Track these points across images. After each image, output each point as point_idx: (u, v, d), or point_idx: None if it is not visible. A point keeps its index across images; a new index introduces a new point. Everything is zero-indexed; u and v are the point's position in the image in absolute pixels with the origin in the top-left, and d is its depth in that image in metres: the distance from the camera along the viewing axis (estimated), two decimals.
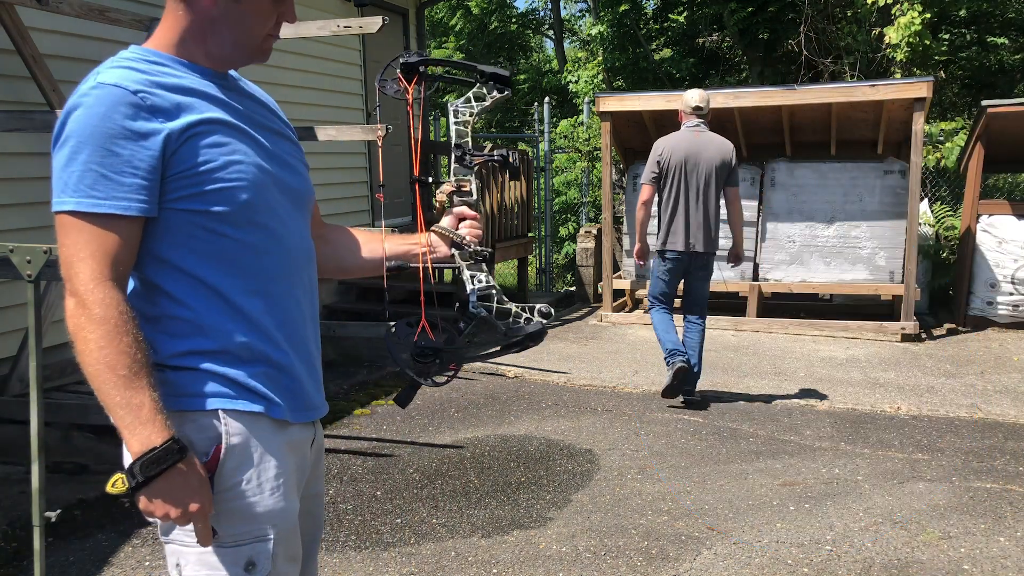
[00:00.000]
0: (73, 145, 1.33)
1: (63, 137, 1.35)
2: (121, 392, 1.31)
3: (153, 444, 1.30)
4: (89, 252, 1.33)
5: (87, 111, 1.33)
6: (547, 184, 10.61)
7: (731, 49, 15.42)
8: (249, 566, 1.41)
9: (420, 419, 5.22)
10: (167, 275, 1.40)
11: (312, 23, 5.50)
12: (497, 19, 20.96)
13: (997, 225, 7.51)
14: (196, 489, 1.34)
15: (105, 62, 1.42)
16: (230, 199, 1.40)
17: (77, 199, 1.32)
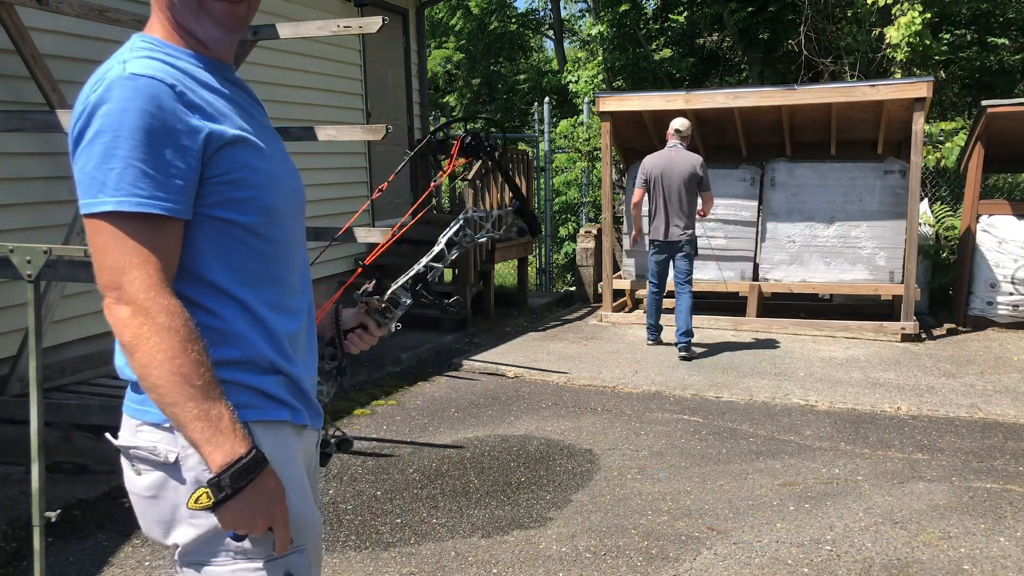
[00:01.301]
0: (108, 140, 1.22)
1: (92, 132, 1.23)
2: (199, 404, 1.23)
3: (239, 454, 1.25)
4: (143, 257, 1.23)
5: (123, 104, 1.23)
6: (547, 184, 10.61)
7: (731, 49, 15.43)
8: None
9: (420, 419, 5.22)
10: (194, 283, 1.33)
11: (312, 23, 5.50)
12: (497, 19, 20.96)
13: (997, 225, 7.51)
14: (280, 495, 1.31)
15: (121, 52, 1.32)
16: (257, 208, 1.35)
17: (119, 198, 1.22)
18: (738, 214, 8.15)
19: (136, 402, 1.37)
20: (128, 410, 1.39)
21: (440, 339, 7.26)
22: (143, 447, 1.35)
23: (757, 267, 8.12)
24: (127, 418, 1.39)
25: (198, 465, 1.31)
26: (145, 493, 1.37)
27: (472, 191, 7.69)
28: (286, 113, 7.08)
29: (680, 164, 6.63)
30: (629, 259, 8.57)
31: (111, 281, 1.24)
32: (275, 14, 6.87)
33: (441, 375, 6.30)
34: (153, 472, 1.35)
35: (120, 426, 1.42)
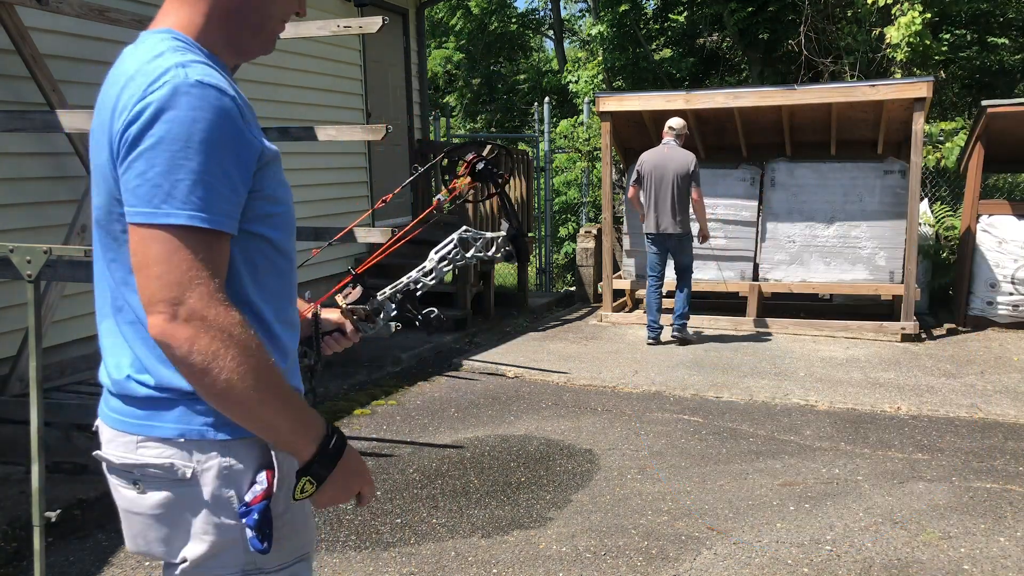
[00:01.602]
0: (177, 150, 1.18)
1: (155, 137, 1.18)
2: (291, 411, 1.26)
3: (322, 434, 1.30)
4: (208, 272, 1.19)
5: (192, 113, 1.19)
6: (547, 184, 10.61)
7: (731, 49, 15.43)
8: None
9: (420, 419, 5.22)
10: (234, 290, 1.30)
11: (312, 23, 5.50)
12: (497, 19, 20.96)
13: (997, 225, 7.51)
14: (360, 462, 1.38)
15: (164, 51, 1.25)
16: (284, 223, 1.35)
17: (190, 212, 1.18)
18: (738, 214, 8.15)
19: (138, 416, 1.31)
20: (123, 425, 1.32)
21: (440, 339, 7.26)
22: (152, 464, 1.29)
23: (757, 267, 8.12)
24: (119, 433, 1.33)
25: (214, 480, 1.29)
26: (151, 511, 1.32)
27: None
28: (286, 113, 7.08)
29: (672, 161, 6.90)
30: (629, 259, 8.57)
31: (169, 296, 1.18)
32: None
33: (441, 375, 6.30)
34: (161, 490, 1.30)
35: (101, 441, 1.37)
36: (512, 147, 9.96)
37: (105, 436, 1.36)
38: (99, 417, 1.40)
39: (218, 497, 1.29)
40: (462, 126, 20.91)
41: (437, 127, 11.01)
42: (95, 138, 1.32)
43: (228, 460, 1.30)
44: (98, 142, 1.30)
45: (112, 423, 1.35)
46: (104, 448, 1.36)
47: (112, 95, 1.26)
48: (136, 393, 1.30)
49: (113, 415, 1.34)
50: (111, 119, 1.25)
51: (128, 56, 1.30)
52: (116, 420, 1.34)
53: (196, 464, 1.29)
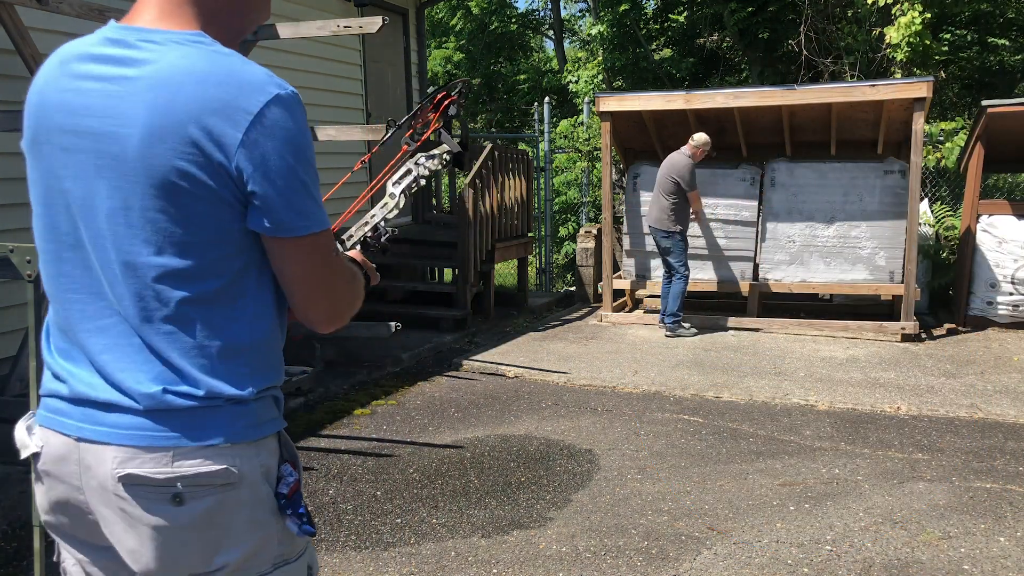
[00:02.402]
0: (310, 156, 1.28)
1: (306, 141, 1.27)
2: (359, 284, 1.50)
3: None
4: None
5: (302, 119, 1.26)
6: (547, 184, 10.61)
7: (731, 49, 15.43)
8: (309, 570, 1.44)
9: (420, 419, 5.22)
10: (265, 298, 1.34)
11: (312, 23, 5.50)
12: (497, 19, 20.95)
13: (997, 225, 7.51)
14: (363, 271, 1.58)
15: (238, 58, 1.27)
16: None
17: (325, 217, 1.31)
18: (738, 214, 8.15)
19: (175, 428, 1.27)
20: (150, 440, 1.26)
21: (440, 339, 7.26)
22: (204, 472, 1.27)
23: (757, 267, 8.12)
24: (141, 450, 1.26)
25: (256, 479, 1.32)
26: (194, 522, 1.28)
27: (472, 191, 7.69)
28: None
29: (669, 164, 7.44)
30: (629, 259, 8.57)
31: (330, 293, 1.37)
32: (275, 14, 6.87)
33: (441, 375, 6.30)
34: (207, 497, 1.28)
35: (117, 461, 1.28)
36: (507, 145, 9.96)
37: (110, 455, 1.27)
38: (72, 433, 1.30)
39: (258, 495, 1.32)
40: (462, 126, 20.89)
41: None
42: (141, 136, 1.22)
43: (262, 458, 1.33)
44: (147, 141, 1.22)
45: (124, 439, 1.27)
46: (117, 468, 1.26)
47: (192, 111, 1.21)
48: (176, 405, 1.26)
49: (130, 431, 1.27)
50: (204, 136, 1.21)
51: (188, 59, 1.24)
52: (136, 436, 1.26)
53: (241, 466, 1.29)
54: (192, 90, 1.21)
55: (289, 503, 1.34)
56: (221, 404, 1.28)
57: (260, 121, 1.21)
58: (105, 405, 1.28)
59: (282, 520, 1.35)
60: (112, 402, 1.27)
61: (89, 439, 1.28)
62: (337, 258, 1.36)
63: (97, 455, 1.28)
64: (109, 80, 1.25)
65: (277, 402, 1.40)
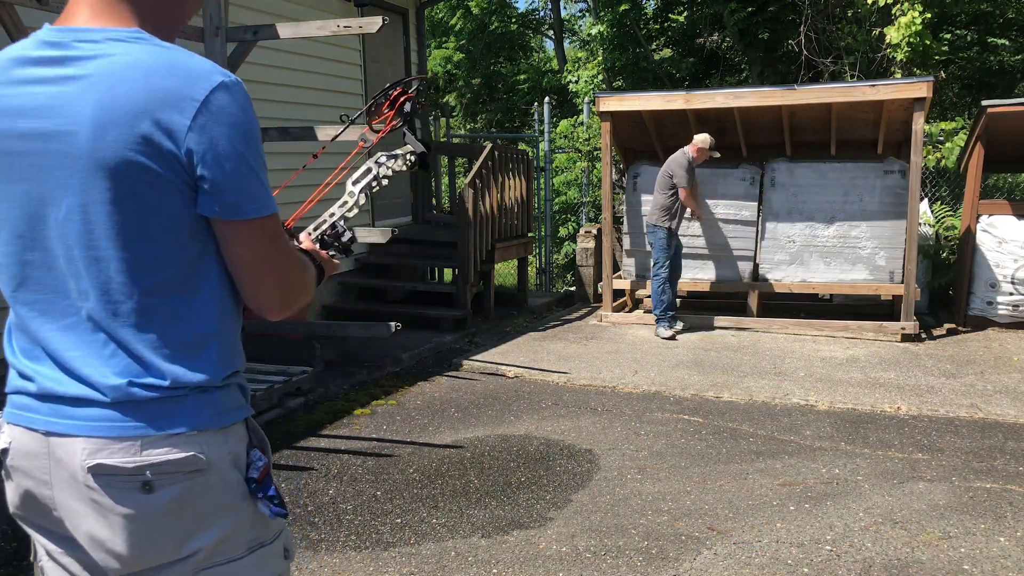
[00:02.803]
0: (257, 141, 1.30)
1: (252, 127, 1.29)
2: (313, 276, 1.52)
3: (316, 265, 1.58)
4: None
5: (248, 105, 1.29)
6: (547, 184, 10.61)
7: (731, 49, 15.42)
8: (286, 552, 1.48)
9: (420, 419, 5.22)
10: (223, 285, 1.37)
11: (312, 23, 5.50)
12: (497, 19, 20.94)
13: (997, 225, 7.51)
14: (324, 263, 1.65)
15: (169, 45, 1.30)
16: None
17: (272, 200, 1.33)
18: (738, 214, 8.14)
19: (141, 419, 1.30)
20: (117, 431, 1.30)
21: (440, 339, 7.26)
22: (172, 460, 1.30)
23: (757, 267, 8.12)
24: (110, 441, 1.29)
25: (225, 465, 1.36)
26: (165, 509, 1.31)
27: (472, 191, 7.69)
28: (286, 113, 7.08)
29: (666, 162, 7.51)
30: (629, 259, 8.57)
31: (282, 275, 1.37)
32: (275, 14, 6.87)
33: (441, 375, 6.30)
34: (176, 484, 1.31)
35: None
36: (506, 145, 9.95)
37: (80, 447, 1.29)
38: (41, 428, 1.32)
39: (227, 480, 1.35)
40: (462, 126, 20.90)
41: (437, 127, 11.01)
42: (90, 132, 1.24)
43: (230, 445, 1.37)
44: (97, 136, 1.24)
45: (93, 431, 1.29)
46: (87, 459, 1.29)
47: (138, 102, 1.23)
48: (142, 396, 1.30)
49: (98, 423, 1.30)
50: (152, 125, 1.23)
51: (129, 55, 1.26)
52: (104, 427, 1.30)
53: (208, 452, 1.33)
54: (137, 83, 1.24)
55: (260, 487, 1.38)
56: (187, 393, 1.32)
57: (206, 107, 1.24)
58: (73, 400, 1.31)
59: (253, 504, 1.38)
60: (80, 396, 1.30)
61: (58, 432, 1.31)
62: (286, 244, 1.38)
63: (66, 448, 1.30)
64: (51, 82, 1.28)
65: (243, 390, 1.44)
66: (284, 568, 1.46)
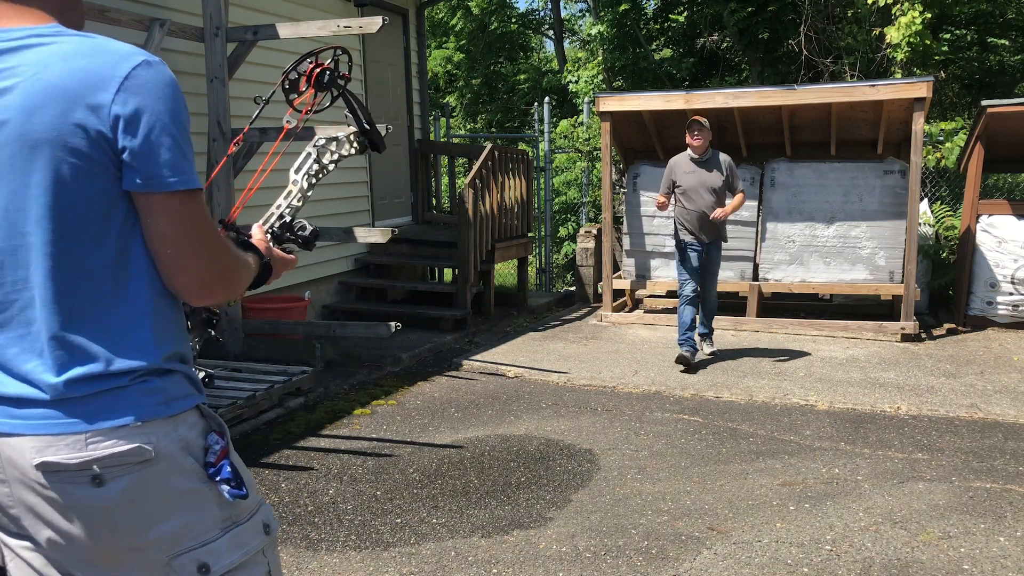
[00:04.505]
0: (182, 116, 1.32)
1: (176, 102, 1.32)
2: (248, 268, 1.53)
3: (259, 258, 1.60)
4: None
5: (171, 80, 1.32)
6: (547, 184, 10.61)
7: (731, 49, 15.42)
8: (266, 528, 1.49)
9: (420, 419, 5.22)
10: (153, 266, 1.37)
11: (312, 23, 5.50)
12: (497, 19, 20.95)
13: (997, 225, 7.51)
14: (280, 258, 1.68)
15: (90, 34, 1.34)
16: None
17: (195, 176, 1.34)
18: (738, 214, 8.10)
19: (84, 414, 1.30)
20: (61, 427, 1.30)
21: (440, 339, 7.26)
22: (118, 452, 1.31)
23: (757, 267, 8.12)
24: (56, 437, 1.30)
25: (175, 452, 1.36)
26: (118, 501, 1.32)
27: (472, 191, 7.69)
28: (286, 112, 7.06)
29: None
30: (629, 259, 8.57)
31: (209, 252, 1.37)
32: (275, 14, 6.88)
33: (441, 375, 6.30)
34: (126, 475, 1.32)
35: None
36: (505, 145, 9.95)
37: (28, 445, 1.30)
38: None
39: (182, 467, 1.36)
40: (462, 126, 20.91)
41: (437, 127, 11.01)
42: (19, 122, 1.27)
43: (180, 432, 1.37)
44: (25, 125, 1.27)
45: (38, 429, 1.30)
46: (35, 456, 1.29)
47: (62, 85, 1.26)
48: (82, 393, 1.31)
49: (43, 421, 1.30)
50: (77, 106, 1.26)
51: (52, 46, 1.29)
52: (48, 425, 1.30)
53: (156, 442, 1.34)
54: (61, 68, 1.26)
55: (217, 470, 1.40)
56: (127, 384, 1.33)
57: (129, 81, 1.27)
58: (16, 400, 1.32)
59: (215, 487, 1.40)
60: (22, 396, 1.31)
61: (5, 432, 1.31)
62: (211, 225, 1.37)
63: (15, 447, 1.31)
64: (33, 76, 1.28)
65: (192, 381, 1.44)
66: (266, 542, 1.47)
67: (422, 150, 9.35)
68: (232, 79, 5.87)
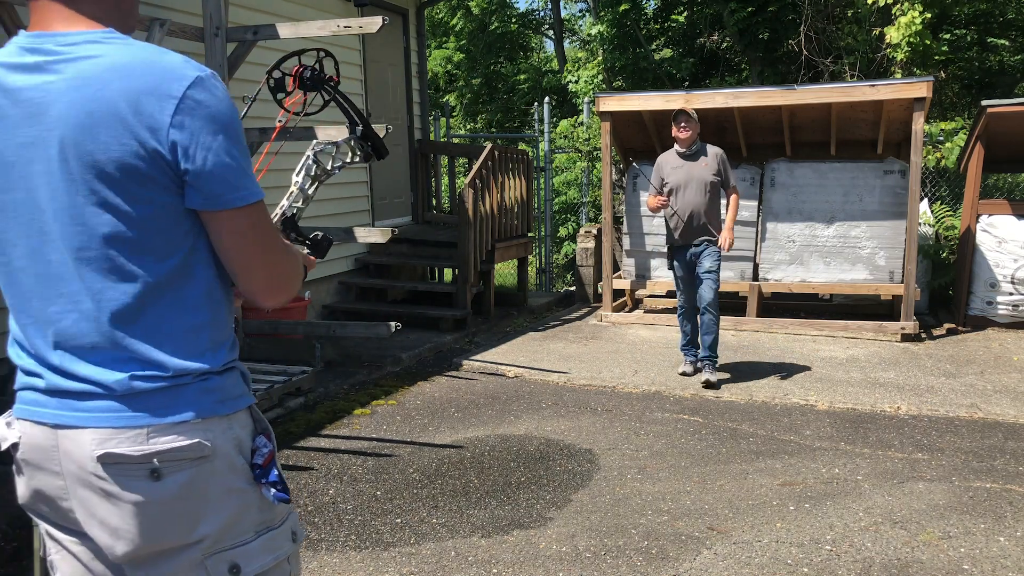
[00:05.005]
0: (237, 130, 1.34)
1: (231, 118, 1.33)
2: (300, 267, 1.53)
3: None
4: None
5: (224, 95, 1.33)
6: (547, 184, 10.61)
7: (731, 49, 15.42)
8: (294, 535, 1.50)
9: (420, 419, 5.22)
10: (215, 274, 1.41)
11: (312, 23, 5.50)
12: (497, 19, 20.94)
13: (997, 225, 7.51)
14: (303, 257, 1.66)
15: (143, 43, 1.35)
16: None
17: (257, 188, 1.37)
18: (738, 214, 8.14)
19: (147, 408, 1.34)
20: (124, 420, 1.34)
21: (440, 339, 7.26)
22: (177, 447, 1.34)
23: (757, 267, 8.12)
24: (118, 431, 1.33)
25: (229, 451, 1.40)
26: (173, 495, 1.35)
27: (472, 191, 7.69)
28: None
29: None
30: (629, 259, 8.57)
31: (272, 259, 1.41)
32: (275, 14, 6.87)
33: (441, 375, 6.30)
34: (183, 471, 1.35)
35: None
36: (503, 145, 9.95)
37: (88, 438, 1.33)
38: (50, 421, 1.36)
39: (233, 466, 1.40)
40: (462, 126, 20.90)
41: (437, 127, 11.01)
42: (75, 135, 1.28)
43: (234, 431, 1.41)
44: (82, 139, 1.28)
45: (101, 422, 1.34)
46: (95, 448, 1.33)
47: (112, 95, 1.27)
48: (145, 388, 1.34)
49: (106, 414, 1.34)
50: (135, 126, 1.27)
51: (107, 56, 1.31)
52: (111, 418, 1.34)
53: (213, 439, 1.37)
54: (117, 84, 1.28)
55: (264, 472, 1.42)
56: (190, 381, 1.36)
57: (185, 103, 1.28)
58: (79, 394, 1.35)
59: (259, 489, 1.42)
60: (86, 391, 1.34)
61: (67, 425, 1.35)
62: (272, 230, 1.43)
63: (75, 439, 1.34)
64: (35, 88, 1.31)
65: (245, 378, 1.48)
66: (292, 550, 1.49)
67: (422, 150, 9.35)
68: (232, 79, 5.86)
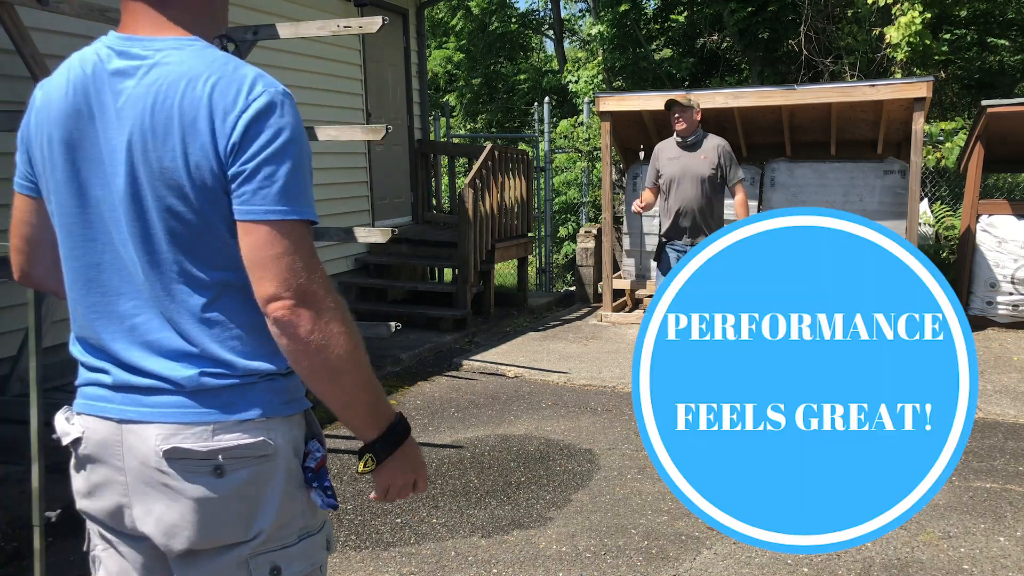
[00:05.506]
0: (298, 151, 1.33)
1: (288, 138, 1.32)
2: (372, 392, 1.40)
3: (392, 420, 1.43)
4: (318, 261, 1.35)
5: (296, 119, 1.34)
6: (547, 184, 10.61)
7: (731, 49, 15.42)
8: (328, 544, 1.51)
9: (420, 419, 5.22)
10: None
11: (312, 23, 5.50)
12: (497, 19, 20.95)
13: (997, 225, 7.51)
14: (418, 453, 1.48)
15: (215, 55, 1.36)
16: None
17: (310, 209, 1.35)
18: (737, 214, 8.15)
19: (214, 405, 1.36)
20: (191, 416, 1.36)
21: (440, 339, 7.26)
22: (242, 444, 1.36)
23: None
24: (184, 426, 1.35)
25: (288, 452, 1.41)
26: (234, 492, 1.36)
27: (472, 191, 7.69)
28: None
29: None
30: (629, 259, 8.57)
31: (296, 284, 1.30)
32: (275, 14, 6.87)
33: (441, 375, 6.30)
34: (245, 468, 1.37)
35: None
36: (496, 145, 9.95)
37: (153, 432, 1.35)
38: (115, 416, 1.38)
39: (290, 468, 1.41)
40: (462, 126, 20.91)
41: (437, 127, 11.01)
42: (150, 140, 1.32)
43: (294, 433, 1.43)
44: (155, 143, 1.32)
45: (168, 417, 1.36)
46: (161, 443, 1.34)
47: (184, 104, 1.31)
48: (213, 385, 1.36)
49: (173, 410, 1.36)
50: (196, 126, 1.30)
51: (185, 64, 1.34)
52: (178, 413, 1.36)
53: (276, 439, 1.39)
54: (190, 93, 1.31)
55: (316, 476, 1.44)
56: (257, 380, 1.38)
57: (253, 117, 1.31)
58: (146, 389, 1.37)
59: (307, 493, 1.44)
60: (154, 387, 1.37)
61: (133, 420, 1.37)
62: (314, 254, 1.38)
63: (140, 434, 1.36)
64: (120, 92, 1.35)
65: (300, 382, 1.48)
66: (324, 559, 1.50)
67: (422, 150, 9.35)
68: None
